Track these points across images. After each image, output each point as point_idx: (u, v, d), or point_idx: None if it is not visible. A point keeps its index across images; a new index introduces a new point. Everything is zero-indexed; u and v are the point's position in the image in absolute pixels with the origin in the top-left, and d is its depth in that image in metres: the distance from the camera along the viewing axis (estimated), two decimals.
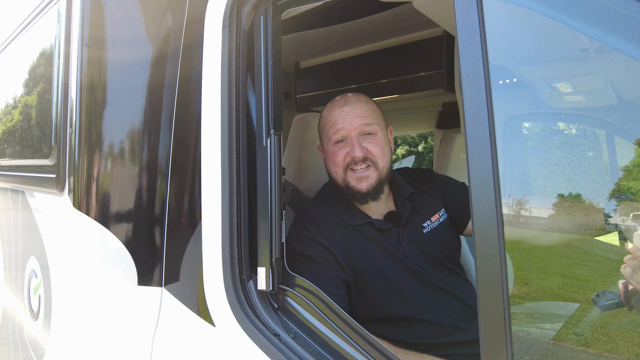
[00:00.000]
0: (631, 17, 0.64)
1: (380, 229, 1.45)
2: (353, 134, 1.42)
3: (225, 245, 1.13)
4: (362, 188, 1.42)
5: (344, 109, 1.44)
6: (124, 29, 1.43)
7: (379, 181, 1.43)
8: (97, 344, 1.43)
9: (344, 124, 1.42)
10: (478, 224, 0.74)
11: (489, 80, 0.74)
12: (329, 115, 1.48)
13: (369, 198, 1.44)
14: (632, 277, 0.71)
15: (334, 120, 1.45)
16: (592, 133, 0.80)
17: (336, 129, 1.43)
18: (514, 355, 0.73)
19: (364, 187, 1.41)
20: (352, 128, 1.42)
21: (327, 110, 1.51)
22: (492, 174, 0.73)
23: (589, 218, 0.78)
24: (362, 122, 1.42)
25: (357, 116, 1.43)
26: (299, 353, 1.02)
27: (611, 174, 0.76)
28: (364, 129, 1.43)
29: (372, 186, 1.42)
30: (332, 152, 1.46)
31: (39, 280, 1.79)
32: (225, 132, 1.14)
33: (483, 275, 0.74)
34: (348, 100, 1.47)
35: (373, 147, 1.42)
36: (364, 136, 1.43)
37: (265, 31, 1.16)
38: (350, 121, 1.42)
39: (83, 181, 1.43)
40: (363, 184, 1.41)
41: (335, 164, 1.45)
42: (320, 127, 1.55)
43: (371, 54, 3.00)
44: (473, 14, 0.77)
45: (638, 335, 0.76)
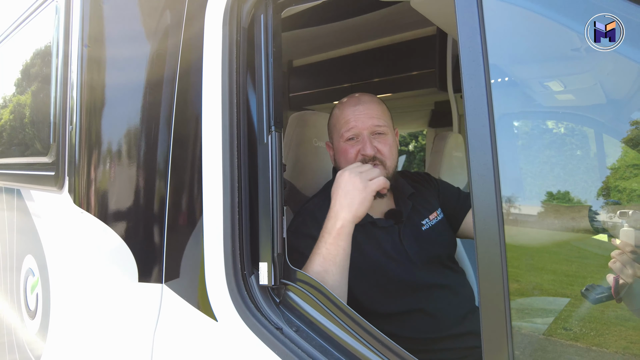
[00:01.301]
0: (623, 18, 0.67)
1: (382, 227, 1.48)
2: (365, 133, 1.46)
3: (227, 241, 1.14)
4: None
5: (357, 108, 1.48)
6: (123, 26, 1.43)
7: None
8: (97, 341, 1.43)
9: (357, 123, 1.46)
10: (479, 217, 0.76)
11: (489, 78, 0.77)
12: (341, 113, 1.52)
13: (376, 196, 1.47)
14: (622, 271, 0.74)
15: (346, 119, 1.48)
16: (582, 132, 0.82)
17: (349, 127, 1.47)
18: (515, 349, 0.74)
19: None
20: (365, 127, 1.46)
21: (339, 108, 1.54)
22: (492, 170, 0.75)
23: (579, 215, 0.81)
24: (374, 122, 1.47)
25: (369, 116, 1.47)
26: (302, 346, 1.03)
27: (600, 172, 0.79)
28: (375, 129, 1.47)
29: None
30: (343, 149, 1.50)
31: (36, 279, 1.77)
32: (226, 129, 1.15)
33: (484, 269, 0.75)
34: (361, 100, 1.51)
35: (383, 146, 1.47)
36: (375, 135, 1.48)
37: (266, 29, 1.17)
38: (363, 120, 1.46)
39: (84, 178, 1.43)
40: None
41: (347, 161, 1.48)
42: (331, 124, 1.59)
43: (364, 52, 3.02)
44: (473, 13, 0.79)
45: (625, 329, 0.79)
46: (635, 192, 0.74)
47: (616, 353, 0.73)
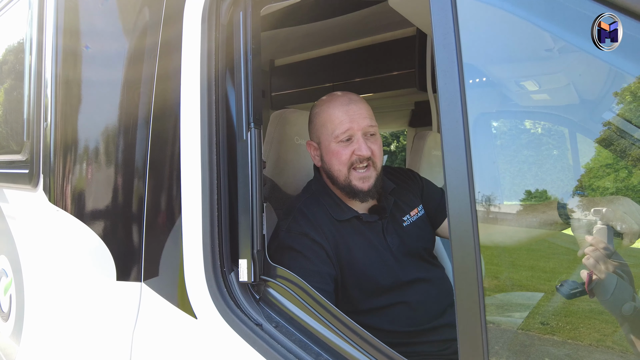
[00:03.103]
0: (590, 19, 0.69)
1: (367, 222, 1.50)
2: (359, 134, 1.45)
3: (206, 239, 1.14)
4: (364, 187, 1.46)
5: (350, 108, 1.46)
6: (100, 22, 1.41)
7: (377, 180, 1.49)
8: (74, 341, 1.41)
9: (352, 124, 1.44)
10: (453, 213, 0.77)
11: (463, 76, 0.78)
12: (331, 112, 1.48)
13: (369, 197, 1.49)
14: (595, 267, 0.76)
15: (340, 119, 1.45)
16: (558, 131, 0.85)
17: (344, 128, 1.44)
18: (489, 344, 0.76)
19: (365, 186, 1.46)
20: (359, 128, 1.45)
21: (328, 107, 1.50)
22: (466, 167, 0.76)
23: (554, 213, 0.84)
24: (368, 122, 1.47)
25: (363, 116, 1.46)
26: (281, 341, 1.04)
27: (574, 171, 0.81)
28: (368, 130, 1.47)
29: (372, 185, 1.47)
30: (336, 151, 1.47)
31: (9, 280, 1.73)
32: (205, 126, 1.15)
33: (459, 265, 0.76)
34: (352, 99, 1.49)
35: (375, 147, 1.47)
36: (368, 137, 1.48)
37: (245, 26, 1.18)
38: (358, 121, 1.45)
39: (59, 176, 1.40)
40: (365, 184, 1.46)
41: (341, 162, 1.47)
42: (318, 123, 1.54)
43: (346, 52, 3.04)
44: (447, 12, 0.81)
45: (598, 322, 0.82)
46: (608, 191, 0.77)
47: (590, 345, 0.76)
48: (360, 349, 1.00)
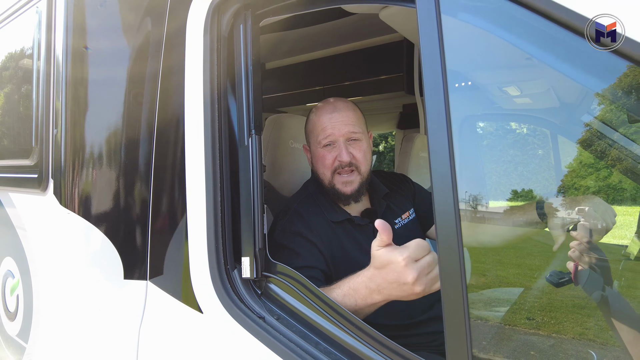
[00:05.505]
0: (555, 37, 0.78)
1: (358, 225, 1.58)
2: (341, 140, 1.54)
3: (210, 239, 1.21)
4: (347, 191, 1.55)
5: (333, 115, 1.56)
6: (106, 36, 1.48)
7: (361, 185, 1.57)
8: (82, 339, 1.47)
9: (333, 130, 1.54)
10: (439, 212, 0.85)
11: (447, 85, 0.86)
12: (318, 119, 1.59)
13: (351, 200, 1.57)
14: (580, 259, 0.83)
15: (323, 126, 1.56)
16: (541, 133, 0.91)
17: (326, 134, 1.55)
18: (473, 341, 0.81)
19: (348, 190, 1.55)
20: (340, 134, 1.54)
21: (316, 114, 1.61)
22: (449, 168, 0.82)
23: (534, 213, 0.92)
24: (350, 129, 1.55)
25: (345, 123, 1.55)
26: (284, 332, 1.11)
27: (557, 171, 0.87)
28: (350, 136, 1.55)
29: (355, 189, 1.56)
30: (321, 155, 1.57)
31: (16, 280, 1.78)
32: (209, 132, 1.22)
33: (445, 261, 0.83)
34: (337, 107, 1.58)
35: (357, 152, 1.55)
36: (350, 142, 1.56)
37: (245, 38, 1.24)
38: (339, 127, 1.54)
39: (70, 180, 1.46)
40: (348, 188, 1.55)
41: (325, 167, 1.56)
42: (308, 129, 1.66)
43: (336, 57, 3.10)
44: (433, 25, 0.89)
45: (581, 317, 0.88)
46: (590, 190, 0.84)
47: (573, 339, 0.82)
48: (356, 337, 1.07)
